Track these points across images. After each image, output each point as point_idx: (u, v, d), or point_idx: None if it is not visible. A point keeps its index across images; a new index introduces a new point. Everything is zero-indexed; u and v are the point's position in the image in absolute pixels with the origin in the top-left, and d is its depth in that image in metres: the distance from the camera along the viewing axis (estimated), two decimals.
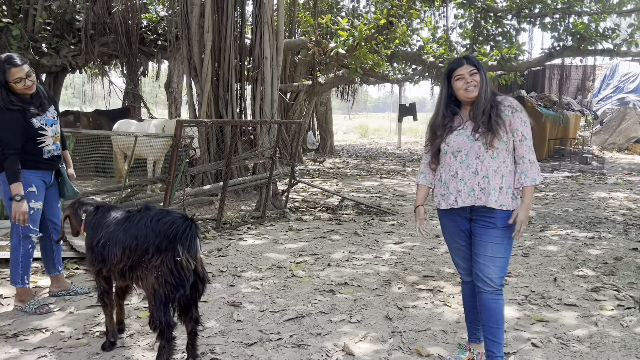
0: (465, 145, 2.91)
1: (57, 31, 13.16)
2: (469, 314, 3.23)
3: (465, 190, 2.92)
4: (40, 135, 3.90)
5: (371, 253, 5.78)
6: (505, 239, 2.91)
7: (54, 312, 3.96)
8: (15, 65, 3.71)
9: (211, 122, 6.92)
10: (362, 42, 11.62)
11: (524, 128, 2.88)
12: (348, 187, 10.92)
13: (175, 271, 2.82)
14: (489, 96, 2.90)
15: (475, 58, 2.96)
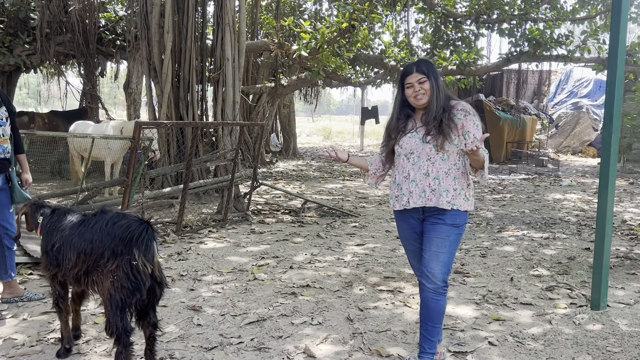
0: (417, 148, 2.99)
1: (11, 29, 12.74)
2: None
3: (417, 191, 2.99)
4: None
5: (333, 255, 5.80)
6: (451, 235, 2.98)
7: (7, 319, 3.83)
8: None
9: (171, 124, 6.82)
10: (324, 45, 11.67)
11: (476, 131, 2.95)
12: (311, 189, 10.94)
13: (132, 275, 2.77)
14: (441, 102, 2.96)
15: (426, 65, 3.02)
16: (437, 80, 2.98)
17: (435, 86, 2.96)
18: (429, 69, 2.98)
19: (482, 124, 3.04)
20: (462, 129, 2.95)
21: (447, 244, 2.98)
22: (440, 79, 3.00)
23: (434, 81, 2.96)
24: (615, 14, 3.88)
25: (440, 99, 2.96)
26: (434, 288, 3.01)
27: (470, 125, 2.95)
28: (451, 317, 4.00)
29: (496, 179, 13.16)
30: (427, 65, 3.01)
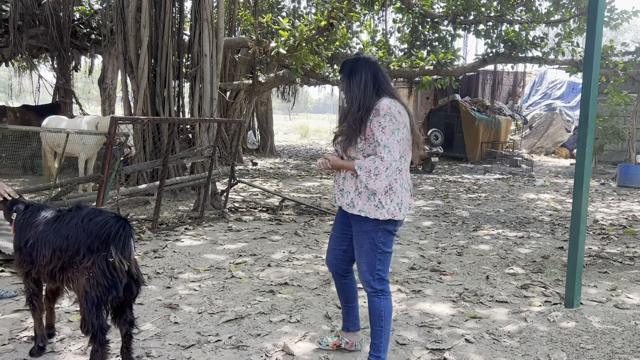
0: (340, 148, 3.03)
1: None
2: (341, 300, 3.36)
3: (336, 190, 3.05)
4: None
5: (311, 253, 5.80)
6: (365, 245, 2.92)
7: None
8: None
9: (147, 120, 6.73)
10: (302, 42, 11.65)
11: (380, 133, 2.80)
12: (288, 187, 10.91)
13: (108, 272, 2.72)
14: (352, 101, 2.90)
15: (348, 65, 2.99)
16: (353, 79, 2.92)
17: (347, 85, 2.94)
18: (346, 69, 2.98)
19: (458, 123, 3.08)
20: (371, 130, 2.83)
21: (364, 252, 2.94)
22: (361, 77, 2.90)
23: (347, 80, 2.94)
24: (591, 17, 3.96)
25: (351, 99, 2.91)
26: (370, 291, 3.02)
27: (375, 127, 2.82)
28: (428, 314, 4.03)
29: (471, 178, 13.32)
30: (347, 65, 3.00)
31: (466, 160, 17.60)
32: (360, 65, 2.95)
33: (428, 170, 14.35)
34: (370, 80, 2.91)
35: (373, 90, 2.90)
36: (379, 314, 3.00)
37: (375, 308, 3.00)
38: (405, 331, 3.70)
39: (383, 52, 14.40)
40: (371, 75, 2.93)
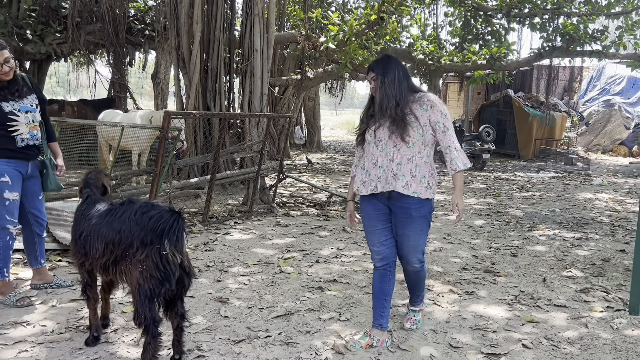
0: (385, 135, 3.19)
1: (42, 18, 12.88)
2: (376, 299, 3.40)
3: (383, 177, 3.19)
4: (11, 120, 3.74)
5: (359, 250, 5.73)
6: (421, 225, 3.23)
7: (36, 306, 3.85)
8: None
9: (199, 114, 6.80)
10: (352, 37, 11.54)
11: (445, 120, 3.16)
12: (335, 182, 10.86)
13: (161, 265, 2.74)
14: (389, 98, 3.15)
15: (380, 64, 3.24)
16: (387, 78, 3.17)
17: (382, 83, 3.17)
18: (379, 69, 3.20)
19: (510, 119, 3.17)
20: (429, 119, 3.15)
21: (421, 236, 3.26)
22: (395, 76, 3.17)
23: (381, 79, 3.17)
24: None
25: (387, 95, 3.16)
26: (413, 269, 3.40)
27: (438, 116, 3.15)
28: (482, 317, 3.90)
29: (524, 176, 12.92)
30: (379, 64, 3.23)
31: (519, 158, 17.10)
32: (392, 63, 3.23)
33: (479, 167, 14.01)
34: (403, 77, 3.21)
35: (406, 86, 3.20)
36: (423, 279, 3.55)
37: (420, 276, 3.50)
38: (459, 334, 3.59)
39: (434, 47, 14.13)
40: (403, 72, 3.22)
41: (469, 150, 13.66)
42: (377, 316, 3.39)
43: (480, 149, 13.83)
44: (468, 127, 20.20)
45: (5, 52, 3.64)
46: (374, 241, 3.33)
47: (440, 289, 4.54)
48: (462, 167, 3.15)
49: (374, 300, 3.42)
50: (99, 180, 3.47)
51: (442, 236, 6.45)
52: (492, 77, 14.37)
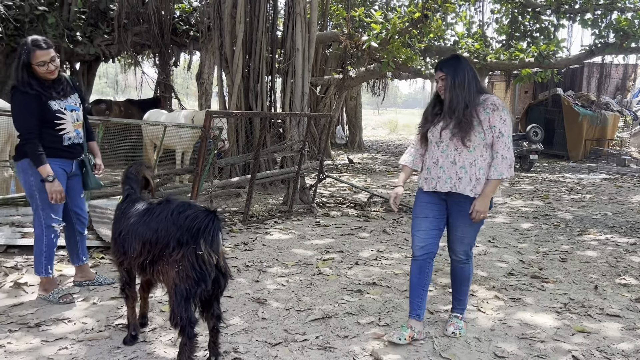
0: (447, 137, 3.23)
1: (92, 20, 13.24)
2: (414, 290, 3.45)
3: (444, 177, 3.26)
4: (59, 118, 3.78)
5: (400, 252, 5.60)
6: (475, 223, 3.31)
7: (78, 302, 3.90)
8: (41, 48, 3.63)
9: (240, 114, 6.81)
10: (395, 35, 11.38)
11: (502, 126, 3.17)
12: (376, 183, 10.73)
13: (197, 265, 2.72)
14: (459, 99, 3.17)
15: (449, 64, 3.25)
16: (457, 79, 3.19)
17: (451, 84, 3.19)
18: (449, 68, 3.22)
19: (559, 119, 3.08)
20: (489, 123, 3.18)
21: (472, 229, 3.34)
22: (465, 77, 3.19)
23: (451, 80, 3.19)
24: None
25: (457, 97, 3.17)
26: (459, 260, 3.46)
27: (496, 120, 3.16)
28: (529, 326, 3.73)
29: (574, 178, 12.44)
30: (449, 64, 3.25)
31: (568, 159, 16.50)
32: (462, 64, 3.25)
33: (526, 168, 13.59)
34: (473, 78, 3.23)
35: (475, 88, 3.22)
36: (468, 277, 3.52)
37: (465, 273, 3.49)
38: (504, 343, 3.43)
39: (479, 44, 13.78)
40: (472, 73, 3.24)
41: (516, 150, 13.25)
42: (415, 307, 3.45)
43: (528, 150, 13.40)
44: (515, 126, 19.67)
45: (51, 51, 3.68)
46: (419, 228, 3.38)
47: (485, 294, 4.37)
48: (496, 176, 3.18)
49: (411, 291, 3.46)
50: (139, 173, 3.47)
51: (487, 239, 6.25)
52: (540, 75, 13.90)
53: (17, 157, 3.85)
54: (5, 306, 3.74)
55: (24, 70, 3.64)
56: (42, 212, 3.83)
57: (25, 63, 3.63)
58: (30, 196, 3.84)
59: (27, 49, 3.62)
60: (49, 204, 3.81)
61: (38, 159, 3.64)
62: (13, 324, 3.45)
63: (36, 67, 3.65)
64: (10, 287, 4.10)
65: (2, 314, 3.61)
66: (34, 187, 3.78)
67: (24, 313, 3.64)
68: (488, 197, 3.21)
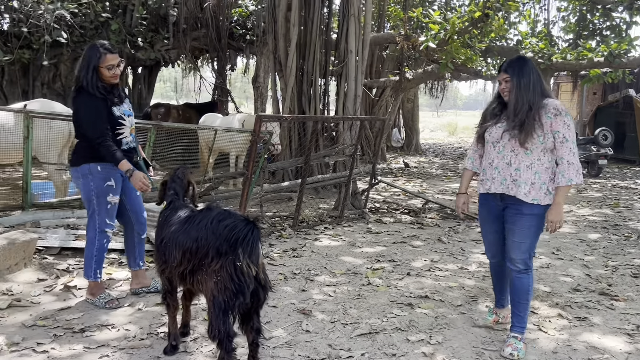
0: (505, 138, 3.22)
1: (152, 26, 13.61)
2: (496, 282, 3.69)
3: (498, 178, 3.26)
4: (120, 124, 3.82)
5: (456, 263, 5.32)
6: (532, 227, 3.22)
7: (123, 307, 3.89)
8: (111, 51, 3.71)
9: (291, 118, 6.72)
10: (454, 35, 11.01)
11: (566, 131, 3.11)
12: (433, 188, 10.39)
13: (235, 277, 2.60)
14: (523, 101, 3.14)
15: (514, 65, 3.21)
16: (522, 81, 3.16)
17: (517, 86, 3.16)
18: (514, 70, 3.19)
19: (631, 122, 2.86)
20: (551, 127, 3.12)
21: (530, 234, 3.24)
22: (530, 79, 3.16)
23: (516, 81, 3.16)
24: None
25: (522, 99, 3.14)
26: (517, 270, 3.31)
27: (560, 125, 3.11)
28: (597, 349, 3.40)
29: None
30: (514, 66, 3.21)
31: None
32: (528, 66, 3.21)
33: (594, 174, 12.84)
34: (537, 81, 3.19)
35: (540, 91, 3.18)
36: (527, 289, 3.34)
37: (524, 284, 3.32)
38: None
39: (544, 44, 13.15)
40: (537, 75, 3.20)
41: (583, 155, 12.53)
42: (499, 297, 3.70)
43: (596, 154, 12.66)
44: (582, 130, 18.71)
45: (117, 55, 3.76)
46: (486, 235, 3.53)
47: (547, 312, 4.05)
48: (565, 183, 3.12)
49: (493, 283, 3.72)
50: (185, 177, 3.42)
51: (550, 251, 5.86)
52: (610, 75, 13.09)
53: (75, 162, 3.86)
54: (53, 310, 3.77)
55: (94, 73, 3.68)
56: (97, 217, 3.85)
57: (94, 66, 3.67)
58: (87, 200, 3.86)
59: (97, 52, 3.67)
60: (105, 209, 3.82)
61: (115, 156, 3.66)
62: (59, 329, 3.46)
63: (103, 70, 3.69)
64: (60, 290, 4.15)
65: (50, 317, 3.64)
66: (93, 191, 3.80)
67: (70, 317, 3.65)
68: (560, 206, 3.16)
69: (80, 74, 3.71)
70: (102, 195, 3.79)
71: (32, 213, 5.47)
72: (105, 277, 4.45)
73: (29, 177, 5.35)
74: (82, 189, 3.89)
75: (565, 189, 3.14)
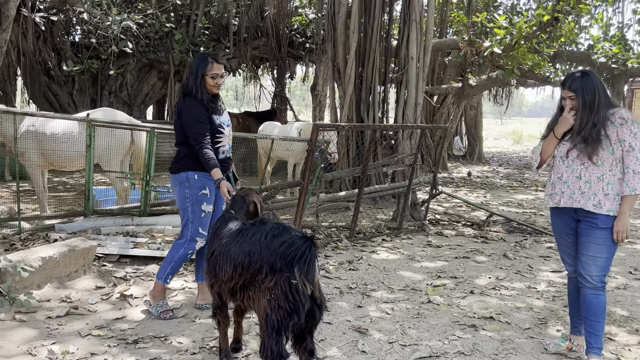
0: (573, 152, 3.18)
1: (215, 35, 13.85)
2: (572, 307, 3.47)
3: (568, 192, 3.21)
4: (219, 132, 3.83)
5: (523, 282, 4.99)
6: (607, 240, 3.12)
7: (177, 318, 3.84)
8: (217, 61, 3.81)
9: (348, 127, 6.58)
10: (521, 40, 10.56)
11: (632, 139, 3.06)
12: (497, 199, 9.96)
13: (290, 295, 2.47)
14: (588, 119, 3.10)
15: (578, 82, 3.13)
16: (587, 99, 3.11)
17: (582, 105, 3.12)
18: (579, 87, 3.13)
19: None
20: (617, 137, 3.08)
21: (605, 248, 3.14)
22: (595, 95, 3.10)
23: (581, 99, 3.12)
24: None
25: (586, 117, 3.10)
26: (593, 286, 3.18)
27: (626, 134, 3.06)
28: None
29: None
30: (578, 82, 3.14)
31: None
32: (592, 80, 3.14)
33: None
34: (603, 94, 3.14)
35: (605, 104, 3.14)
36: (603, 307, 3.20)
37: (600, 302, 3.19)
38: None
39: (618, 48, 12.42)
40: (601, 89, 3.15)
41: None
42: (575, 324, 3.48)
43: None
44: None
45: (222, 66, 3.82)
46: (565, 254, 3.42)
47: (626, 339, 3.70)
48: (628, 192, 3.07)
49: (570, 308, 3.51)
50: (247, 197, 3.33)
51: (627, 270, 5.42)
52: None
53: (174, 169, 3.89)
54: (109, 319, 3.77)
55: (200, 80, 3.76)
56: (191, 225, 3.85)
57: (202, 73, 3.75)
58: (183, 209, 3.86)
59: (205, 60, 3.77)
60: (199, 218, 3.82)
61: (210, 163, 3.65)
62: (113, 339, 3.45)
63: (208, 79, 3.76)
64: (117, 299, 4.16)
65: (105, 327, 3.64)
66: (188, 199, 3.81)
67: (125, 327, 3.63)
68: (625, 215, 3.11)
69: (188, 81, 3.80)
70: (196, 203, 3.80)
71: (93, 220, 5.58)
72: None
73: (90, 184, 5.47)
74: (177, 197, 3.90)
75: (631, 199, 3.08)
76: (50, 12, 10.59)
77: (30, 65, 12.03)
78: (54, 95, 12.97)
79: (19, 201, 5.46)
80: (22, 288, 3.94)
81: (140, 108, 14.24)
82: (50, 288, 4.18)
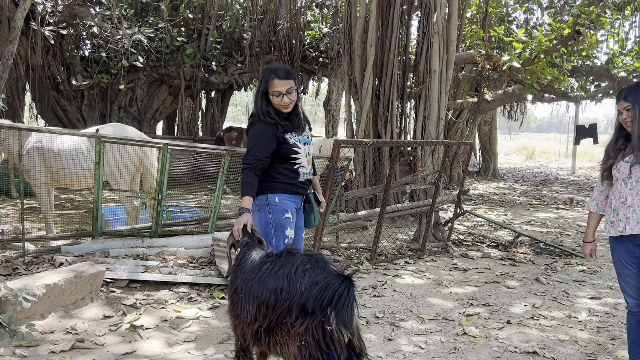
0: (636, 172, 2.96)
1: (226, 49, 13.67)
2: (634, 346, 3.16)
3: (634, 217, 2.96)
4: (294, 152, 3.37)
5: (562, 310, 4.63)
6: None
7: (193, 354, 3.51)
8: (279, 77, 3.26)
9: (371, 143, 6.28)
10: (540, 54, 10.27)
11: None
12: (519, 218, 9.59)
13: (324, 344, 2.13)
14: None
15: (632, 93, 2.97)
16: None
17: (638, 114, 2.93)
18: (635, 97, 2.96)
19: None
20: None
21: None
22: None
23: (637, 109, 2.94)
24: None
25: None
26: None
27: None
28: None
29: None
30: (634, 92, 2.99)
31: None
32: None
33: None
34: None
35: None
36: None
37: None
38: None
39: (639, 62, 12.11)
40: None
41: None
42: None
43: None
44: None
45: (290, 82, 3.29)
46: (627, 284, 3.11)
47: None
48: None
49: (631, 347, 3.18)
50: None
51: None
52: None
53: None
54: (117, 354, 3.45)
55: (263, 99, 3.33)
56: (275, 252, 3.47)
57: (263, 91, 3.32)
58: (265, 234, 3.36)
59: (266, 77, 3.31)
60: (283, 245, 3.35)
61: (245, 187, 3.24)
62: None
63: (271, 97, 3.30)
64: (126, 330, 3.84)
65: None
66: (271, 224, 3.37)
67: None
68: None
69: (255, 98, 3.43)
70: (279, 229, 3.37)
71: (101, 241, 5.28)
72: (174, 314, 4.13)
73: (99, 204, 5.17)
74: (258, 223, 3.42)
75: None
76: (60, 26, 10.42)
77: (39, 79, 11.85)
78: (62, 110, 12.78)
79: (23, 221, 5.18)
80: (24, 318, 3.63)
81: (150, 123, 14.03)
82: (55, 318, 3.87)
